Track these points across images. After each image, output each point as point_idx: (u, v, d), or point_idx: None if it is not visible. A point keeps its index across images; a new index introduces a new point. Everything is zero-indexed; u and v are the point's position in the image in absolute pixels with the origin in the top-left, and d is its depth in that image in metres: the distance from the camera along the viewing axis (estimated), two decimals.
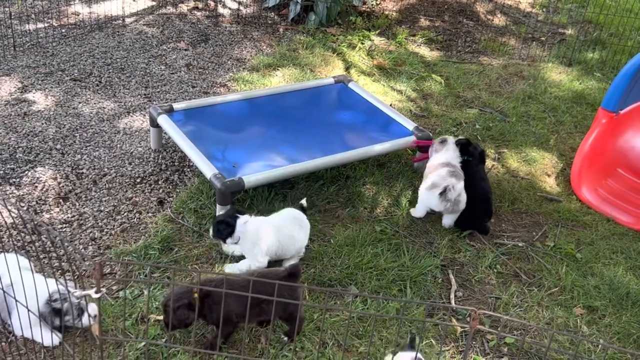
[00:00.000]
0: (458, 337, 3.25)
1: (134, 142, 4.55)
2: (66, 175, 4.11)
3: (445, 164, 3.99)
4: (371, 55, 6.34)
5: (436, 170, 3.98)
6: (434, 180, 3.91)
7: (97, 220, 3.78)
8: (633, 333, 3.36)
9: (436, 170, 3.97)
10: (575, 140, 5.18)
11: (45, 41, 5.73)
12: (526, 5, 8.20)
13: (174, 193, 4.08)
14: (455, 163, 4.04)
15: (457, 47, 6.85)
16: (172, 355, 2.94)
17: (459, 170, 4.01)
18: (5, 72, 5.17)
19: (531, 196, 4.46)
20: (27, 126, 4.53)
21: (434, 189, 3.87)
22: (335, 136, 4.38)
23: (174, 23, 6.48)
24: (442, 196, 3.82)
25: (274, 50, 6.19)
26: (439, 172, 3.95)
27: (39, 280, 2.53)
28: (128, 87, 5.24)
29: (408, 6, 7.60)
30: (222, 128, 4.32)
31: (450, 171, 3.92)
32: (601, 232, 4.15)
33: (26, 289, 2.51)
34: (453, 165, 4.00)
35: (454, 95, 5.79)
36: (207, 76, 5.58)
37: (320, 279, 3.47)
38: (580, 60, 6.68)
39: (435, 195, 3.85)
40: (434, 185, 3.89)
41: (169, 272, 3.44)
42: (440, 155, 4.10)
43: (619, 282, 3.66)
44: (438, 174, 3.93)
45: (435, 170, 3.98)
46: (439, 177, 3.91)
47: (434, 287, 3.53)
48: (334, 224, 3.94)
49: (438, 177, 3.91)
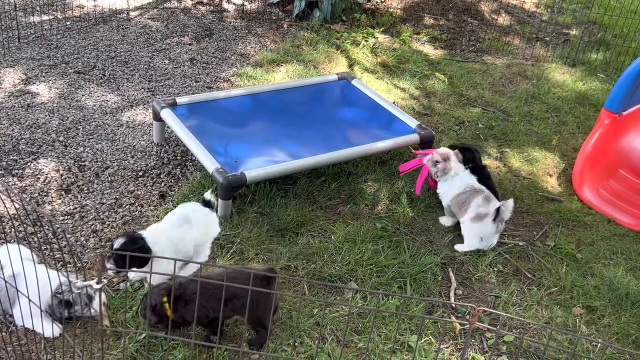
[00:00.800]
0: (457, 335, 3.25)
1: (137, 135, 4.56)
2: (69, 167, 4.12)
3: (471, 190, 3.80)
4: (375, 53, 6.34)
5: (465, 199, 3.79)
6: (478, 212, 3.73)
7: (99, 213, 3.79)
8: (632, 334, 3.36)
9: (467, 200, 3.78)
10: (578, 141, 5.18)
11: (49, 34, 5.74)
12: (531, 6, 8.19)
13: (176, 187, 4.09)
14: (474, 182, 3.87)
15: (461, 46, 6.84)
16: (172, 348, 2.95)
17: (480, 186, 3.86)
18: (10, 64, 5.18)
19: (533, 196, 4.46)
20: (30, 118, 4.54)
21: (486, 218, 3.71)
22: (338, 133, 4.39)
23: (178, 18, 6.48)
24: (496, 221, 3.70)
25: (278, 47, 6.19)
26: (474, 201, 3.76)
27: (41, 271, 2.54)
28: (132, 80, 5.25)
29: (413, 4, 7.60)
30: (225, 123, 4.33)
31: (485, 196, 3.77)
32: (602, 233, 4.16)
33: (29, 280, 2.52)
34: (475, 186, 3.83)
35: (457, 94, 5.79)
36: (211, 71, 5.59)
37: (321, 274, 3.48)
38: (585, 61, 6.67)
39: (489, 223, 3.71)
40: (481, 216, 3.73)
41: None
42: (455, 181, 3.88)
43: (619, 283, 3.66)
44: (475, 204, 3.75)
45: (466, 201, 3.78)
46: (478, 204, 3.74)
47: (434, 285, 3.54)
48: (335, 220, 3.95)
49: (478, 206, 3.74)
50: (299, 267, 3.54)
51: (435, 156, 3.95)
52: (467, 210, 3.79)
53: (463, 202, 3.82)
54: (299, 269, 3.52)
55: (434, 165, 3.94)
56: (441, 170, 3.91)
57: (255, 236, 3.68)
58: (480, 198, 3.78)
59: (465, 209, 3.80)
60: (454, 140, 4.98)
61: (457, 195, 3.85)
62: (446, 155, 3.93)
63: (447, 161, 3.91)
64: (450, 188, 3.91)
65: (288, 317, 3.20)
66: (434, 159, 3.94)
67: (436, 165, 3.93)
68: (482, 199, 3.77)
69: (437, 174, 3.94)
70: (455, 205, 3.88)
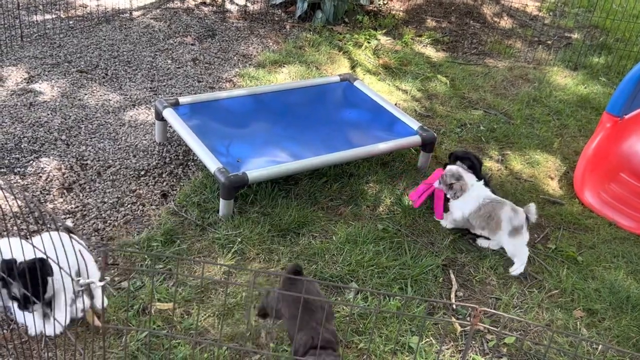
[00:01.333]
0: (458, 336, 3.26)
1: (139, 134, 4.56)
2: (71, 166, 4.12)
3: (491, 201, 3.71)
4: (377, 54, 6.35)
5: (490, 212, 3.70)
6: (513, 225, 3.65)
7: (100, 212, 3.79)
8: (632, 337, 3.36)
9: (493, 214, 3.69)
10: (579, 144, 5.19)
11: (52, 32, 5.75)
12: (533, 9, 8.20)
13: (178, 186, 4.10)
14: (488, 192, 3.78)
15: (463, 48, 6.85)
16: (173, 346, 2.95)
17: (496, 196, 3.79)
18: (12, 62, 5.19)
19: (534, 198, 4.46)
20: (32, 116, 4.54)
21: (522, 230, 3.67)
22: (340, 134, 4.39)
23: (181, 18, 6.49)
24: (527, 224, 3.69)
25: (280, 47, 6.20)
26: (502, 214, 3.66)
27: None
28: (134, 80, 5.26)
29: (415, 7, 7.61)
30: (227, 123, 4.33)
31: (512, 207, 3.69)
32: (603, 235, 4.16)
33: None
34: (493, 197, 3.75)
35: (459, 96, 5.80)
36: (213, 71, 5.60)
37: (322, 275, 3.48)
38: (586, 65, 6.68)
39: (526, 233, 3.70)
40: (518, 228, 3.67)
41: (171, 265, 3.45)
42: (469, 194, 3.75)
43: (620, 286, 3.67)
44: (506, 216, 3.66)
45: (491, 214, 3.69)
46: (509, 217, 3.66)
47: (435, 287, 3.54)
48: (336, 221, 3.95)
49: (510, 218, 3.66)
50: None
51: (446, 179, 3.80)
52: (499, 226, 3.67)
53: (488, 216, 3.69)
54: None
55: (450, 189, 3.79)
56: (459, 191, 3.77)
57: (256, 236, 3.69)
58: (508, 209, 3.67)
59: (495, 224, 3.68)
60: (454, 142, 4.99)
61: (477, 209, 3.72)
62: (457, 173, 3.79)
63: (461, 179, 3.78)
64: (465, 203, 3.77)
65: None
66: (447, 182, 3.79)
67: (452, 187, 3.78)
68: (511, 210, 3.67)
69: (456, 195, 3.78)
70: (479, 221, 3.74)
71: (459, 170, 3.81)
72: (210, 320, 3.12)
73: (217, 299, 3.24)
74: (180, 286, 3.29)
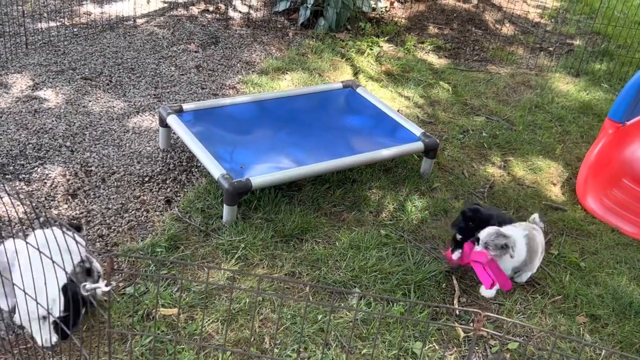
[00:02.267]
0: (461, 342, 3.26)
1: (143, 141, 4.59)
2: (75, 172, 4.14)
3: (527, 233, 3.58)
4: (379, 61, 6.38)
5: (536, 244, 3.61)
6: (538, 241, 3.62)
7: (105, 218, 3.81)
8: (635, 342, 3.37)
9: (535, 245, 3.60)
10: (581, 150, 5.20)
11: (57, 40, 5.79)
12: (535, 15, 8.23)
13: (182, 192, 4.12)
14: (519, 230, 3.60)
15: (465, 55, 6.88)
16: (177, 351, 2.96)
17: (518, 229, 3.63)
18: (17, 69, 5.23)
19: (536, 204, 4.47)
20: (37, 123, 4.57)
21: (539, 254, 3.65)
22: (343, 140, 4.41)
23: (184, 25, 6.53)
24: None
25: (283, 54, 6.23)
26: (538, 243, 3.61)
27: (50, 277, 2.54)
28: (138, 87, 5.29)
29: (417, 14, 7.65)
30: (231, 129, 4.36)
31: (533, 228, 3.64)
32: (605, 241, 4.17)
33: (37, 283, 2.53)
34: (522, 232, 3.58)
35: (461, 102, 5.82)
36: (217, 78, 5.63)
37: (325, 281, 3.49)
38: (588, 71, 6.70)
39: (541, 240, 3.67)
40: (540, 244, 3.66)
41: (175, 270, 3.47)
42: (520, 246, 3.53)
43: (623, 292, 3.67)
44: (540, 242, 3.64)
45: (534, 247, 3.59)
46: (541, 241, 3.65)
47: (438, 293, 3.55)
48: (339, 227, 3.97)
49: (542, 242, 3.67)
50: (303, 272, 3.55)
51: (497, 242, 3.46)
52: (537, 253, 3.61)
53: (535, 249, 3.60)
54: (303, 275, 3.54)
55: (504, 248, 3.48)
56: (513, 243, 3.49)
57: (259, 242, 3.70)
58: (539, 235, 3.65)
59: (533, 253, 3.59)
60: (457, 148, 5.00)
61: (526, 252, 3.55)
62: (497, 232, 3.47)
63: (505, 235, 3.47)
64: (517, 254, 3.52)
65: (292, 322, 3.21)
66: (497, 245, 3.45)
67: (506, 246, 3.48)
68: (535, 232, 3.63)
69: (513, 249, 3.49)
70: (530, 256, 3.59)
71: (496, 229, 3.52)
72: (215, 325, 3.13)
73: (221, 305, 3.25)
74: (185, 292, 3.30)
